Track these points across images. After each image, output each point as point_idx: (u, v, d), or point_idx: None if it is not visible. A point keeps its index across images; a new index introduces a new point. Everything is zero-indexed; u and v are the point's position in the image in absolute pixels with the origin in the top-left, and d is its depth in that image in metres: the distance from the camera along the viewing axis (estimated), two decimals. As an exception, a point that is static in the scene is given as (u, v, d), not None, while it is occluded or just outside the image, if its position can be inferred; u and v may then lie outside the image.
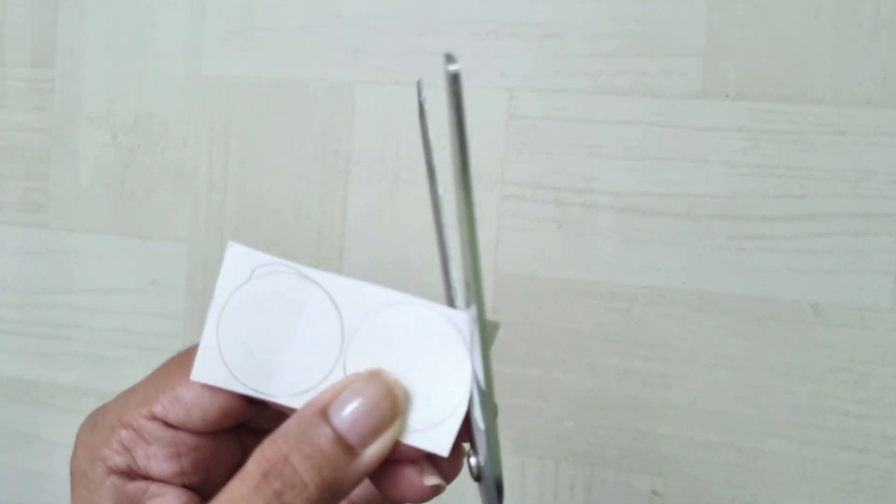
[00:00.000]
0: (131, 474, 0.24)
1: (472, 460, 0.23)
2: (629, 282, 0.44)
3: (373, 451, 0.22)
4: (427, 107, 0.22)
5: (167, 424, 0.24)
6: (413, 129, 0.47)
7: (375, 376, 0.22)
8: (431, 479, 0.23)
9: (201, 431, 0.24)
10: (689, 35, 0.43)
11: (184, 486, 0.24)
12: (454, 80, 0.18)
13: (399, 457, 0.23)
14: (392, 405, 0.22)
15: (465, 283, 0.22)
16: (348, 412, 0.21)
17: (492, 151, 0.46)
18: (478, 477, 0.23)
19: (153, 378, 0.25)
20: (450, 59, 0.18)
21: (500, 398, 0.45)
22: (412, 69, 0.47)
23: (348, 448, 0.21)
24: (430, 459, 0.24)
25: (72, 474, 0.24)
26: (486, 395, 0.22)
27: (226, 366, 0.23)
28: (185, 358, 0.24)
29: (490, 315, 0.45)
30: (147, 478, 0.24)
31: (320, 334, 0.23)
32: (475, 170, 0.46)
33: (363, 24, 0.47)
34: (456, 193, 0.20)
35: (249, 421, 0.25)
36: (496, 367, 0.46)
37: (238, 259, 0.23)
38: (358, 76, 0.48)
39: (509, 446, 0.46)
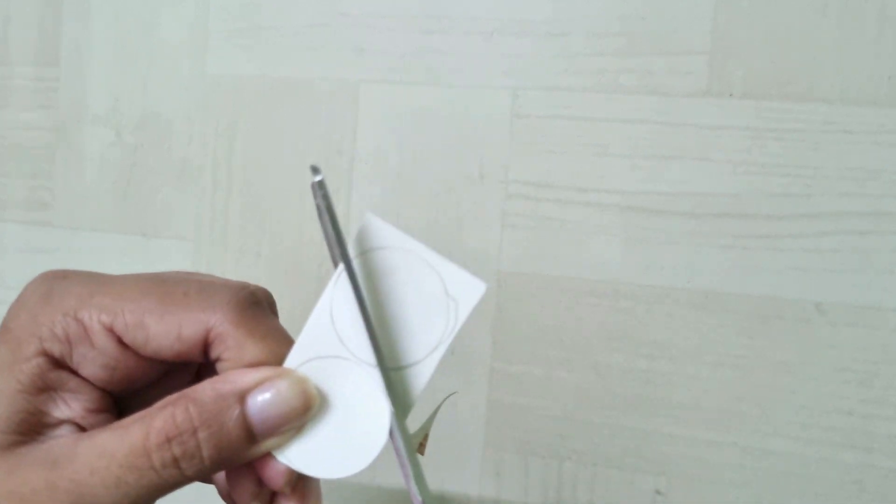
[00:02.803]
0: (60, 364, 0.23)
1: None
2: (633, 281, 0.44)
3: (271, 443, 0.23)
4: (327, 203, 0.23)
5: (119, 342, 0.23)
6: (418, 128, 0.47)
7: (294, 376, 0.23)
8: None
9: (147, 358, 0.24)
10: (695, 33, 0.43)
11: (104, 389, 0.24)
12: (320, 187, 0.22)
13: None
14: (304, 406, 0.23)
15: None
16: (262, 403, 0.22)
17: (496, 150, 0.46)
18: None
19: (129, 287, 0.24)
20: (315, 170, 0.22)
21: (504, 397, 0.46)
22: (417, 68, 0.47)
23: (252, 436, 0.22)
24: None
25: (3, 326, 0.24)
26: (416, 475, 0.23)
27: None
28: (169, 285, 0.24)
29: (494, 316, 0.45)
30: (73, 371, 0.24)
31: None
32: (479, 169, 0.46)
33: (368, 22, 0.47)
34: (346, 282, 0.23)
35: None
36: (498, 365, 0.46)
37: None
38: (363, 75, 0.48)
39: (512, 445, 0.46)
